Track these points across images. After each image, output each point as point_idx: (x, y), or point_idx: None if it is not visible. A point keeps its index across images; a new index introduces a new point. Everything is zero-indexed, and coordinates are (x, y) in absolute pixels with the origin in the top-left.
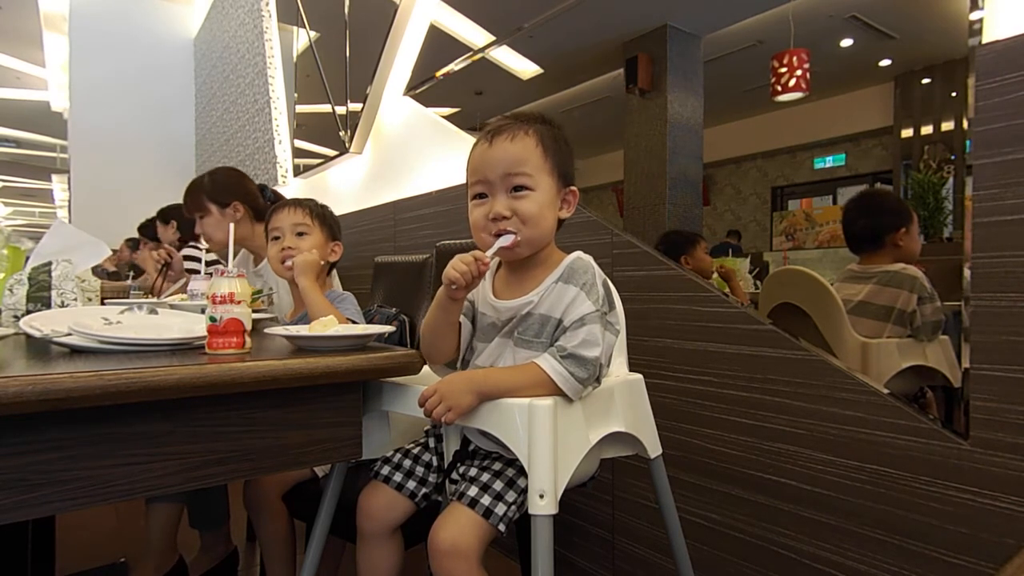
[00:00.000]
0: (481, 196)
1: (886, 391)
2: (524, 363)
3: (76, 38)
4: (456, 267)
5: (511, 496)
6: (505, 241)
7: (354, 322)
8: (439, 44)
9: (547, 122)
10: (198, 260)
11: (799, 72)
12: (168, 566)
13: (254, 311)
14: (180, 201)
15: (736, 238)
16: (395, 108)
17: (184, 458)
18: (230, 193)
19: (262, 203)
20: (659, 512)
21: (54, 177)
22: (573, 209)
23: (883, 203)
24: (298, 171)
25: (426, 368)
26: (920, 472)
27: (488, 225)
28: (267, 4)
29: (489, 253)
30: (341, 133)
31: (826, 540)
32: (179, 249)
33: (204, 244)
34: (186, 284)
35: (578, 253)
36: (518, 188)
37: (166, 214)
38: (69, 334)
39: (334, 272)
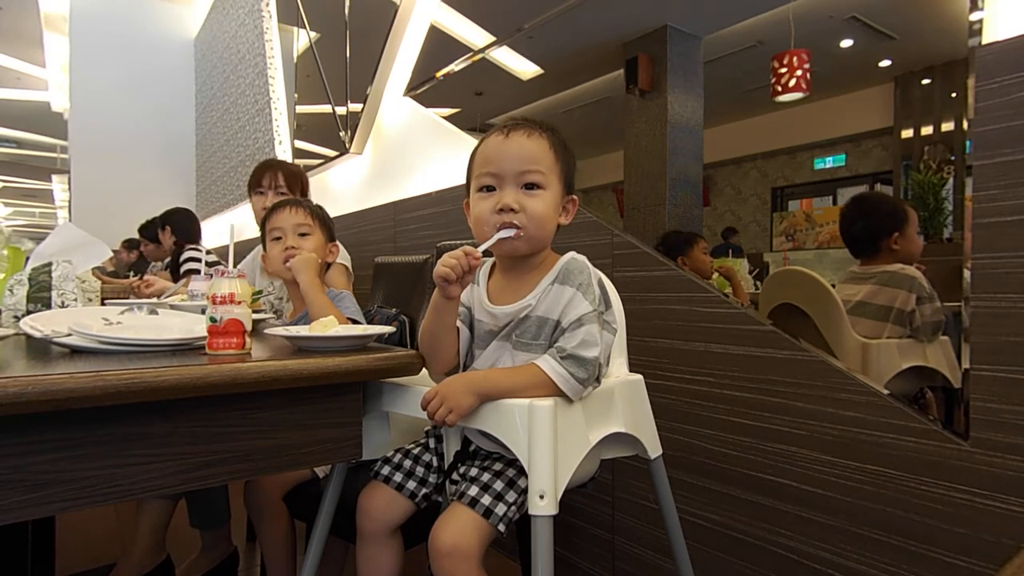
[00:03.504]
0: (489, 188)
1: (886, 392)
2: (524, 364)
3: (76, 38)
4: (445, 263)
5: (511, 496)
6: (507, 233)
7: (355, 321)
8: (439, 44)
9: (556, 131)
10: (199, 260)
11: (799, 72)
12: (153, 564)
13: (254, 311)
14: (178, 204)
15: (731, 235)
16: (395, 108)
17: (184, 458)
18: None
19: None
20: (659, 512)
21: (54, 177)
22: (571, 217)
23: (877, 208)
24: None
25: (425, 370)
26: (920, 473)
27: (493, 218)
28: (267, 4)
29: (482, 248)
30: (341, 133)
31: (826, 541)
32: (178, 252)
33: (204, 246)
34: (186, 284)
35: (572, 254)
36: (530, 185)
37: (163, 220)
38: (69, 334)
39: (348, 271)
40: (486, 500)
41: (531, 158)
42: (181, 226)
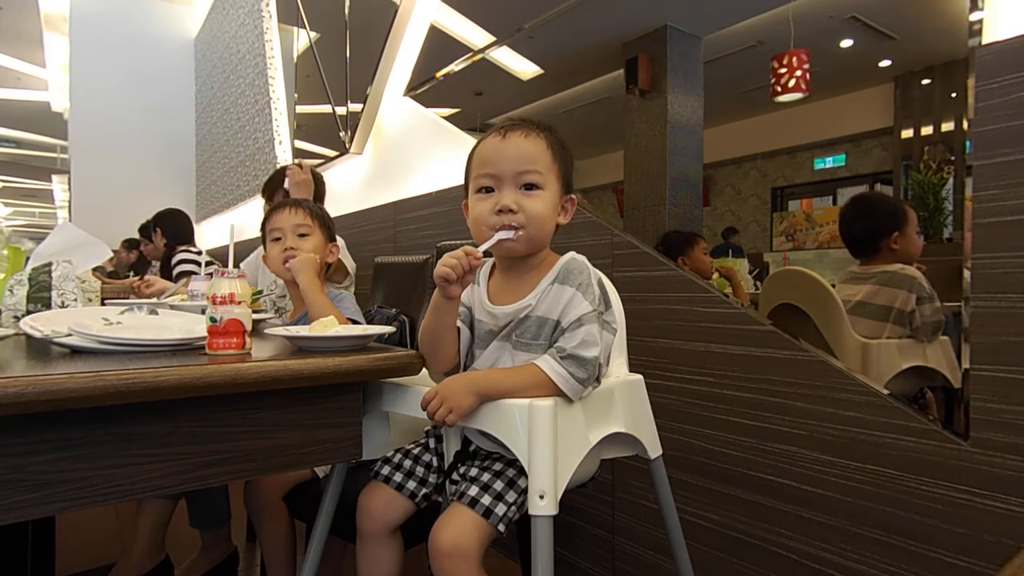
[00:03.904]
0: (487, 190)
1: (886, 392)
2: (524, 364)
3: (76, 38)
4: (446, 263)
5: (511, 496)
6: (506, 234)
7: (355, 322)
8: (439, 44)
9: (553, 130)
10: (196, 263)
11: (799, 72)
12: (152, 564)
13: (254, 311)
14: (179, 204)
15: (731, 235)
16: (395, 108)
17: (184, 458)
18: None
19: None
20: (659, 512)
21: (54, 177)
22: (571, 216)
23: (876, 207)
24: None
25: (425, 370)
26: (920, 473)
27: (492, 219)
28: (267, 4)
29: (482, 248)
30: (341, 133)
31: (826, 541)
32: (170, 255)
33: (197, 247)
34: (186, 284)
35: (572, 254)
36: (528, 186)
37: (154, 222)
38: (69, 335)
39: (348, 273)
40: (486, 500)
41: (529, 158)
42: (169, 227)
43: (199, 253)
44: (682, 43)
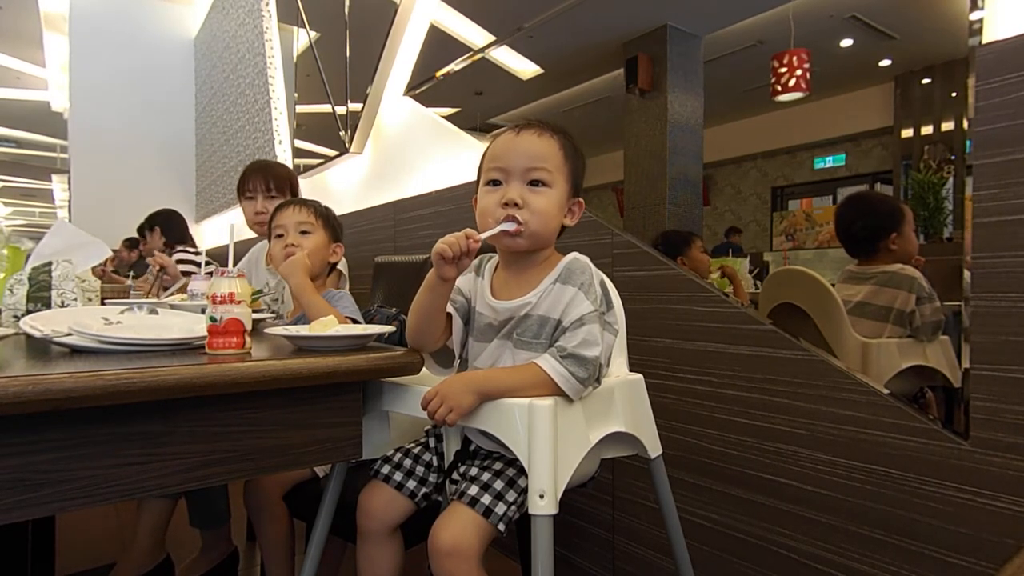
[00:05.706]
0: (495, 183)
1: (886, 391)
2: (524, 363)
3: (76, 38)
4: (444, 240)
5: (511, 496)
6: (508, 225)
7: (354, 321)
8: (439, 44)
9: (568, 135)
10: (194, 263)
11: (799, 72)
12: (153, 564)
13: (254, 311)
14: (178, 204)
15: (732, 235)
16: (395, 108)
17: (184, 458)
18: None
19: None
20: (659, 512)
21: (54, 177)
22: (577, 219)
23: (875, 207)
24: (298, 171)
25: (425, 369)
26: (920, 472)
27: (497, 211)
28: (267, 4)
29: (484, 235)
30: (341, 133)
31: (826, 540)
32: (168, 255)
33: (194, 247)
34: (186, 285)
35: (575, 254)
36: (535, 183)
37: (151, 221)
38: (69, 334)
39: (343, 274)
40: (486, 499)
41: (539, 156)
42: (167, 227)
43: (197, 253)
44: (682, 43)
